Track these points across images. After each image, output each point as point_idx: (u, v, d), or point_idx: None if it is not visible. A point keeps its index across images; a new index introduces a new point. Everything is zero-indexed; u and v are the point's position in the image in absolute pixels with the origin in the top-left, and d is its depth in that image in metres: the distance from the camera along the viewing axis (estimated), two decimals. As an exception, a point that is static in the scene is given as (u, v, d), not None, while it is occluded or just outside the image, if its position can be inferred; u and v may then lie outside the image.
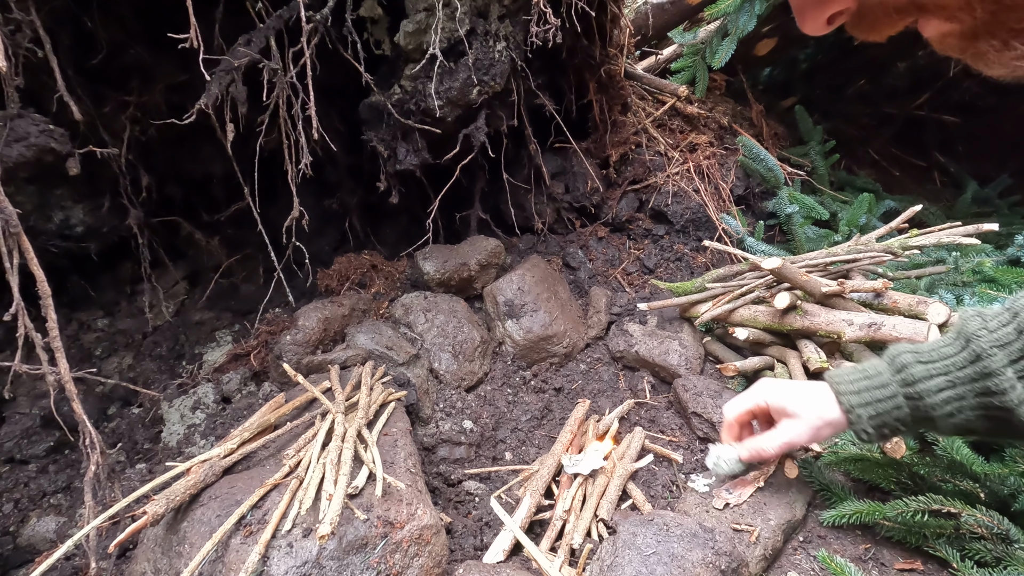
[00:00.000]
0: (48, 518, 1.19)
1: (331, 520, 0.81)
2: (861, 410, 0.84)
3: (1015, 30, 0.42)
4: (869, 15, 0.48)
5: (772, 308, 1.40)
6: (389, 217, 2.05)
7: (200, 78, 1.12)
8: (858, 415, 0.84)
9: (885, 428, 0.83)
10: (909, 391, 0.81)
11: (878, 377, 0.84)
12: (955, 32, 0.45)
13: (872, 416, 0.83)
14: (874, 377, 0.85)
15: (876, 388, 0.84)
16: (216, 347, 1.65)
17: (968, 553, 0.91)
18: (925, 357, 0.80)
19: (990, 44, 0.44)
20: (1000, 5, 0.41)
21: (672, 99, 2.22)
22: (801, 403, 0.90)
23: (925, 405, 0.79)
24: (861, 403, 0.84)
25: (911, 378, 0.80)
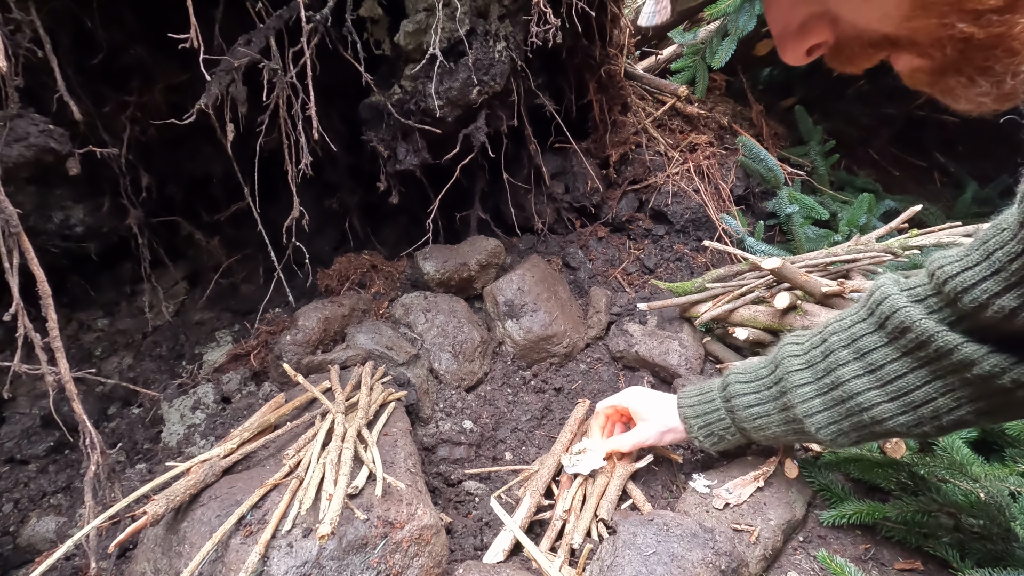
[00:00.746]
0: (48, 518, 1.19)
1: (331, 520, 0.81)
2: (693, 420, 1.01)
3: (982, 68, 0.45)
4: (846, 49, 0.52)
5: (772, 308, 1.40)
6: (389, 217, 2.05)
7: (200, 78, 1.12)
8: (691, 424, 1.01)
9: (714, 436, 0.99)
10: (728, 405, 0.96)
11: (710, 394, 1.00)
12: (925, 68, 0.48)
13: (702, 426, 1.00)
14: (707, 394, 1.01)
15: (706, 403, 1.00)
16: (216, 347, 1.65)
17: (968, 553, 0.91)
18: (744, 377, 0.95)
19: (958, 80, 0.47)
20: (968, 44, 0.44)
21: (672, 99, 2.22)
22: (653, 411, 1.07)
23: (739, 417, 0.95)
24: (693, 415, 1.01)
25: (729, 395, 0.96)
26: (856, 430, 0.80)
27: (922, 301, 0.72)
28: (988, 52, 0.43)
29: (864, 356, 0.77)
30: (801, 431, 0.87)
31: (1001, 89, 0.46)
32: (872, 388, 0.76)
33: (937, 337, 0.69)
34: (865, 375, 0.77)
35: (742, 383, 0.95)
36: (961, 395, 0.70)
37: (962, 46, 0.44)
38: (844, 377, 0.79)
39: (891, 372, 0.75)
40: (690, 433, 1.02)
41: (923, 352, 0.71)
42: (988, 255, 0.64)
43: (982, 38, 0.43)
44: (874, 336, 0.77)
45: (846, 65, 0.54)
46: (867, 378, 0.77)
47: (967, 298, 0.66)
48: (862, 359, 0.78)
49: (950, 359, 0.69)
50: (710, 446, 1.00)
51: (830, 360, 0.81)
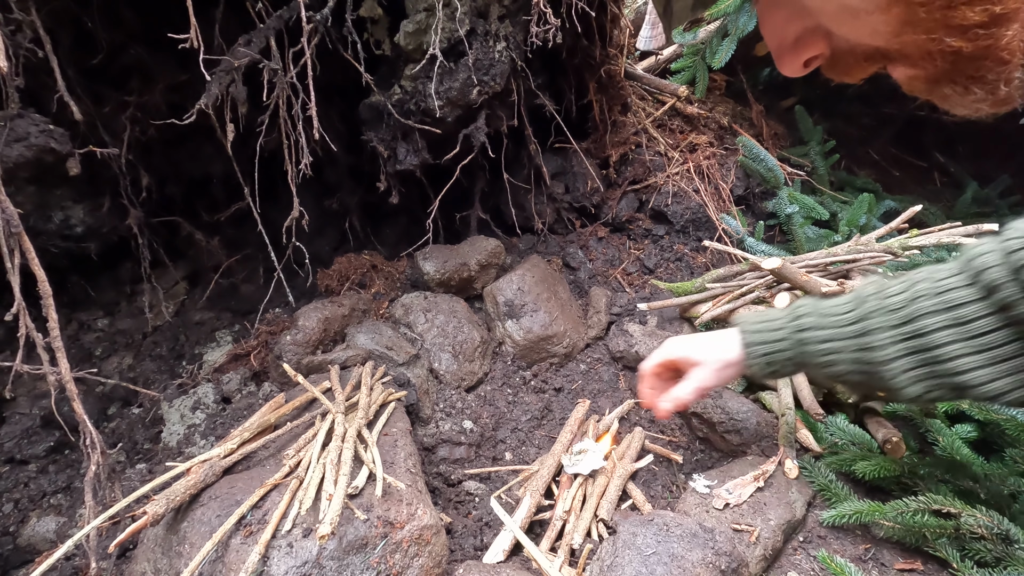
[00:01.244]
0: (48, 518, 1.19)
1: (331, 520, 0.81)
2: (756, 347, 0.94)
3: (974, 77, 0.46)
4: (841, 61, 0.53)
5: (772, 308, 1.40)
6: (389, 217, 2.05)
7: (200, 78, 1.12)
8: (752, 351, 0.94)
9: (774, 366, 0.93)
10: (799, 336, 0.90)
11: (776, 320, 0.94)
12: (920, 77, 0.49)
13: (764, 353, 0.93)
14: (773, 320, 0.95)
15: (772, 330, 0.94)
16: (216, 347, 1.65)
17: (968, 553, 0.91)
18: (822, 310, 0.90)
19: (953, 88, 0.48)
20: (958, 56, 0.44)
21: (672, 99, 2.22)
22: (703, 350, 1.00)
23: (808, 351, 0.89)
24: (757, 341, 0.94)
25: (803, 325, 0.90)
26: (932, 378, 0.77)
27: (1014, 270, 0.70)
28: (978, 63, 0.44)
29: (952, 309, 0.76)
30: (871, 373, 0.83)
31: (996, 95, 0.46)
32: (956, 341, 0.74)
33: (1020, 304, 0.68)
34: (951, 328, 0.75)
35: (817, 315, 0.89)
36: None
37: (952, 58, 0.45)
38: (929, 327, 0.77)
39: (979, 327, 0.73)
40: (749, 360, 0.95)
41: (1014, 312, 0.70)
42: None
43: (970, 51, 0.43)
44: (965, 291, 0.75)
45: (843, 76, 0.55)
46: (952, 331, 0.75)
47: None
48: (949, 312, 0.76)
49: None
50: (764, 375, 0.94)
51: (915, 307, 0.78)
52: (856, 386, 0.90)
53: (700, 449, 1.29)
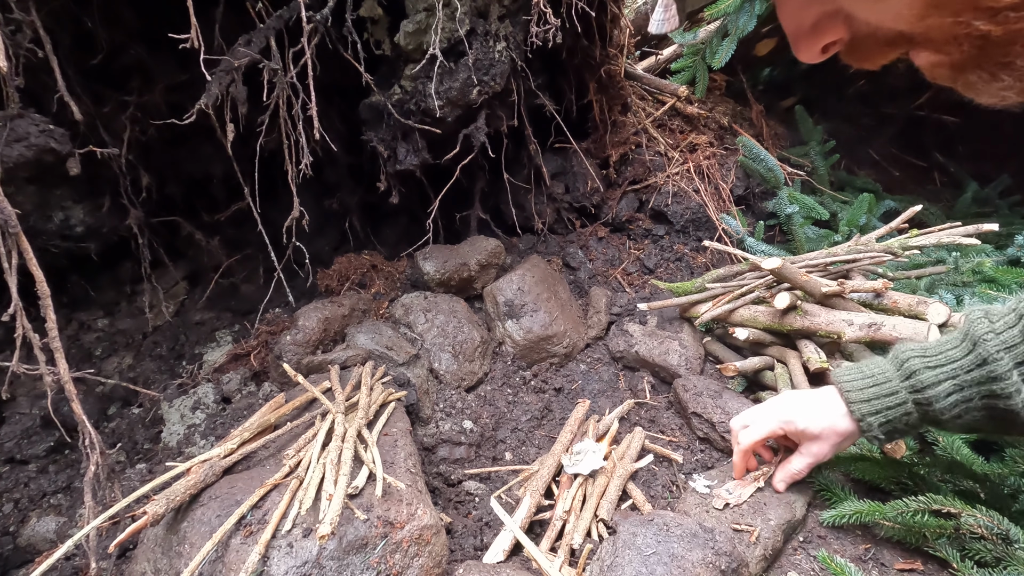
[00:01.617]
0: (48, 518, 1.19)
1: (331, 520, 0.81)
2: (872, 419, 0.88)
3: (1001, 63, 0.43)
4: (861, 46, 0.50)
5: (772, 308, 1.40)
6: (389, 217, 2.05)
7: (200, 78, 1.12)
8: (869, 423, 0.88)
9: (895, 432, 0.88)
10: (918, 397, 0.84)
11: (887, 385, 0.87)
12: (945, 63, 0.46)
13: (883, 423, 0.87)
14: (883, 385, 0.87)
15: (886, 396, 0.87)
16: (216, 347, 1.65)
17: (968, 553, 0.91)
18: (933, 362, 0.83)
19: (979, 75, 0.45)
20: (986, 40, 0.42)
21: (672, 99, 2.22)
22: (820, 423, 0.93)
23: (934, 410, 0.82)
24: (871, 411, 0.88)
25: (920, 384, 0.83)
26: None
27: None
28: (1007, 48, 0.42)
29: None
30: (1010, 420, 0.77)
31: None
32: None
33: None
34: None
35: (931, 368, 0.82)
36: None
37: (980, 43, 0.42)
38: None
39: None
40: (866, 433, 0.89)
41: None
42: None
43: (1000, 35, 0.41)
44: None
45: (862, 62, 0.52)
46: None
47: None
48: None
49: None
50: (886, 439, 0.89)
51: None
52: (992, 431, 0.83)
53: (700, 449, 1.29)
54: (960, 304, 1.44)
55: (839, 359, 1.33)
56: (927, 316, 1.22)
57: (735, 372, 1.41)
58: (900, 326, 1.21)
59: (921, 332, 1.18)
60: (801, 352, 1.35)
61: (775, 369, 1.38)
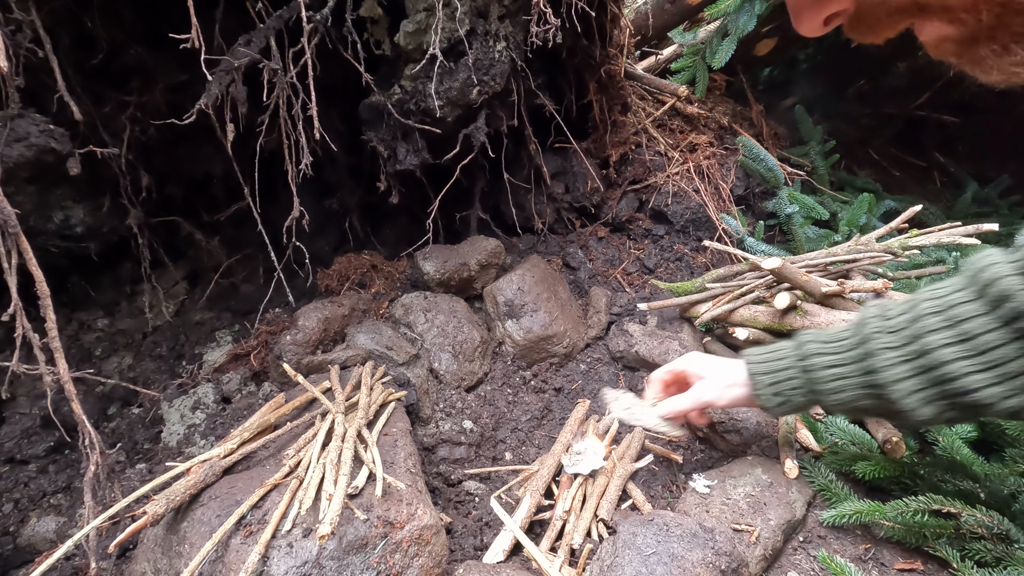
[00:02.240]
0: (48, 518, 1.19)
1: (331, 520, 0.81)
2: (762, 377, 0.94)
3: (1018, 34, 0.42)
4: (868, 16, 0.48)
5: (772, 308, 1.40)
6: (389, 217, 2.05)
7: (200, 78, 1.12)
8: (758, 381, 0.95)
9: (781, 396, 0.93)
10: (803, 364, 0.90)
11: (781, 351, 0.95)
12: (954, 36, 0.45)
13: (770, 383, 0.93)
14: (778, 351, 0.95)
15: (777, 360, 0.94)
16: (216, 347, 1.65)
17: (968, 553, 0.91)
18: (823, 337, 0.90)
19: (990, 48, 0.44)
20: (1007, 8, 0.41)
21: (672, 99, 2.22)
22: (713, 369, 1.02)
23: (814, 378, 0.88)
24: (762, 371, 0.95)
25: (805, 353, 0.90)
26: (943, 399, 0.75)
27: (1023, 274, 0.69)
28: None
29: (958, 324, 0.73)
30: (881, 396, 0.81)
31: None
32: (964, 358, 0.72)
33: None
34: (957, 344, 0.73)
35: (820, 342, 0.89)
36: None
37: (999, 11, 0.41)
38: (933, 344, 0.74)
39: (987, 342, 0.70)
40: (756, 390, 0.95)
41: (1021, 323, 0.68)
42: None
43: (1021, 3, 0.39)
44: (972, 304, 0.73)
45: (867, 35, 0.50)
46: (959, 347, 0.73)
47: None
48: (955, 327, 0.73)
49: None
50: (775, 406, 0.94)
51: (919, 326, 0.77)
52: (868, 413, 0.88)
53: (700, 449, 1.29)
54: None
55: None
56: (927, 316, 1.21)
57: (735, 372, 1.41)
58: (900, 326, 1.21)
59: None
60: (801, 352, 1.34)
61: (775, 369, 1.38)
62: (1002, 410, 0.71)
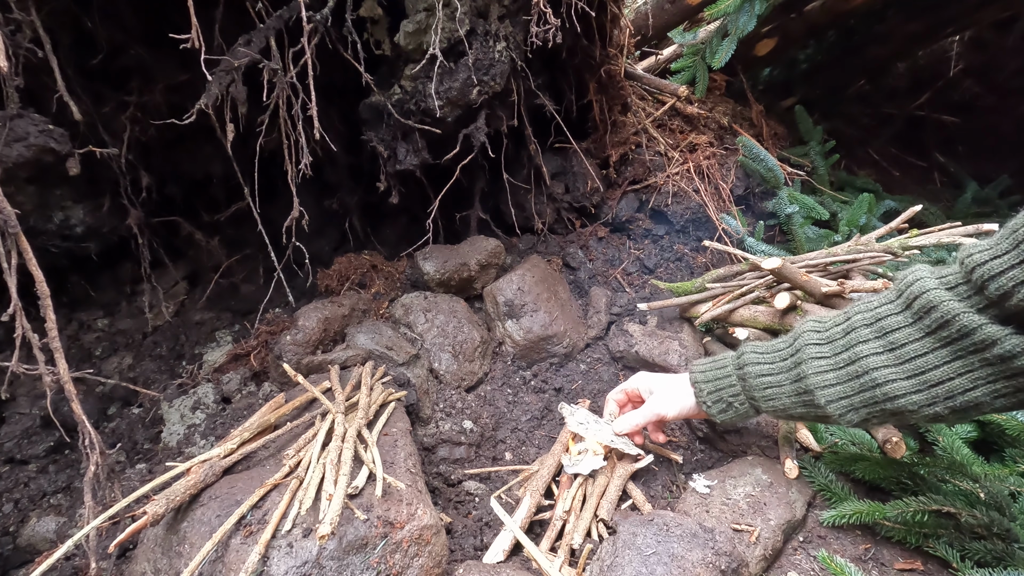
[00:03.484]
0: (48, 518, 1.19)
1: (331, 520, 0.81)
2: (704, 385, 1.01)
3: None
4: None
5: (772, 308, 1.40)
6: (389, 217, 2.05)
7: (200, 78, 1.12)
8: (700, 389, 1.01)
9: (722, 403, 0.99)
10: (740, 372, 0.97)
11: (722, 361, 1.01)
12: None
13: (711, 391, 1.00)
14: (719, 361, 1.02)
15: (718, 369, 1.01)
16: (216, 347, 1.65)
17: (968, 553, 0.91)
18: (760, 348, 0.96)
19: None
20: None
21: (672, 99, 2.22)
22: (663, 384, 1.10)
23: (750, 385, 0.94)
24: (704, 379, 1.01)
25: (743, 363, 0.96)
26: (867, 406, 0.80)
27: (952, 288, 0.73)
28: None
29: (886, 335, 0.78)
30: (811, 403, 0.86)
31: None
32: (890, 366, 0.77)
33: (962, 317, 0.70)
34: (885, 353, 0.78)
35: (757, 352, 0.96)
36: (979, 376, 0.71)
37: None
38: (862, 353, 0.80)
39: (912, 351, 0.75)
40: (699, 398, 1.02)
41: (946, 332, 0.72)
42: (1017, 244, 0.65)
43: None
44: (900, 316, 0.78)
45: None
46: (886, 356, 0.78)
47: (993, 285, 0.67)
48: (884, 338, 0.78)
49: (972, 339, 0.70)
50: (717, 413, 0.99)
51: (850, 337, 0.82)
52: (803, 418, 0.93)
53: (700, 449, 1.29)
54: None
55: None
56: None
57: (735, 372, 1.41)
58: (900, 326, 1.21)
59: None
60: (801, 352, 1.34)
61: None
62: (924, 416, 0.76)
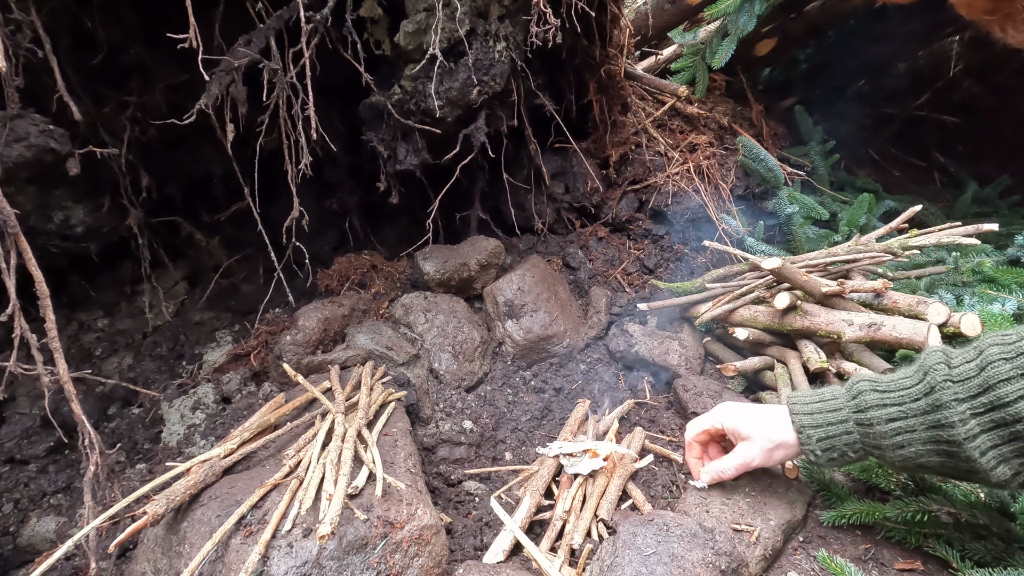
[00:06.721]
0: (48, 518, 1.19)
1: (331, 520, 0.81)
2: (811, 431, 0.87)
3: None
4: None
5: (772, 308, 1.40)
6: (389, 217, 2.05)
7: (200, 78, 1.12)
8: (808, 436, 0.87)
9: (834, 452, 0.86)
10: (860, 417, 0.82)
11: (833, 402, 0.86)
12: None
13: (822, 439, 0.86)
14: (830, 401, 0.87)
15: (829, 412, 0.86)
16: (216, 347, 1.65)
17: (968, 553, 0.91)
18: (882, 387, 0.82)
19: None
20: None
21: (672, 99, 2.22)
22: (755, 426, 0.94)
23: (875, 432, 0.80)
24: (812, 424, 0.87)
25: (864, 404, 0.82)
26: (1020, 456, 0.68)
27: None
28: None
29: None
30: (952, 455, 0.73)
31: None
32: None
33: None
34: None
35: (880, 392, 0.81)
36: None
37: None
38: (1008, 396, 0.67)
39: None
40: (805, 446, 0.88)
41: None
42: None
43: None
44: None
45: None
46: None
47: None
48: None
49: None
50: (826, 462, 0.87)
51: (987, 375, 0.70)
52: (933, 471, 0.80)
53: (815, 464, 1.27)
54: (960, 304, 1.44)
55: (839, 359, 1.33)
56: (927, 316, 1.22)
57: (735, 372, 1.41)
58: (900, 326, 1.21)
59: (921, 332, 1.18)
60: (801, 352, 1.35)
61: (775, 369, 1.38)
62: None
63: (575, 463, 1.14)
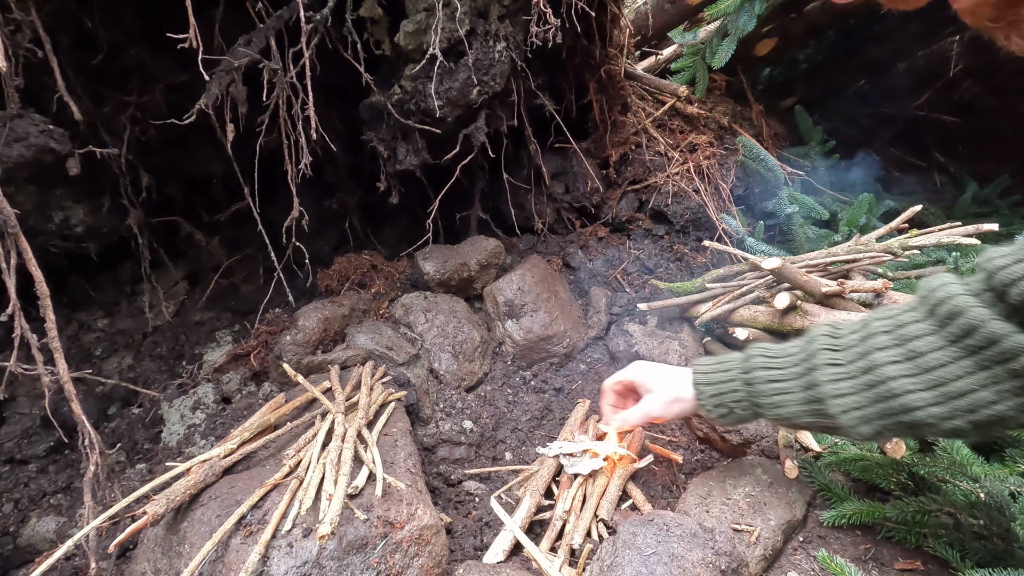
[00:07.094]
0: (48, 518, 1.19)
1: (331, 520, 0.81)
2: (705, 387, 0.96)
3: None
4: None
5: (772, 308, 1.40)
6: (389, 217, 2.05)
7: (200, 78, 1.12)
8: (701, 391, 0.97)
9: (723, 408, 0.94)
10: (747, 377, 0.91)
11: (728, 363, 0.96)
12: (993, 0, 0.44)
13: (713, 394, 0.95)
14: (725, 363, 0.96)
15: (722, 371, 0.95)
16: (216, 347, 1.65)
17: (968, 553, 0.91)
18: (771, 353, 0.91)
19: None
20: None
21: (672, 99, 2.22)
22: (659, 381, 1.04)
23: (757, 391, 0.89)
24: (706, 382, 0.96)
25: (751, 366, 0.91)
26: (882, 418, 0.76)
27: (977, 295, 0.70)
28: None
29: (907, 343, 0.74)
30: (822, 413, 0.82)
31: None
32: (908, 375, 0.73)
33: (989, 324, 0.67)
34: (904, 362, 0.74)
35: (767, 356, 0.90)
36: (1005, 388, 0.68)
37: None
38: (879, 361, 0.75)
39: (933, 360, 0.71)
40: (699, 401, 0.97)
41: (971, 340, 0.68)
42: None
43: None
44: (922, 324, 0.74)
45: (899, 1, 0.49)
46: (905, 365, 0.73)
47: (1015, 290, 0.65)
48: (903, 346, 0.74)
49: (998, 347, 0.66)
50: (717, 417, 0.95)
51: (868, 344, 0.78)
52: (809, 428, 0.89)
53: (700, 449, 1.29)
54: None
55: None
56: (927, 316, 1.21)
57: (735, 372, 1.41)
58: (900, 326, 1.21)
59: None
60: (801, 352, 1.34)
61: (775, 369, 1.38)
62: (943, 430, 0.72)
63: (575, 463, 1.14)
